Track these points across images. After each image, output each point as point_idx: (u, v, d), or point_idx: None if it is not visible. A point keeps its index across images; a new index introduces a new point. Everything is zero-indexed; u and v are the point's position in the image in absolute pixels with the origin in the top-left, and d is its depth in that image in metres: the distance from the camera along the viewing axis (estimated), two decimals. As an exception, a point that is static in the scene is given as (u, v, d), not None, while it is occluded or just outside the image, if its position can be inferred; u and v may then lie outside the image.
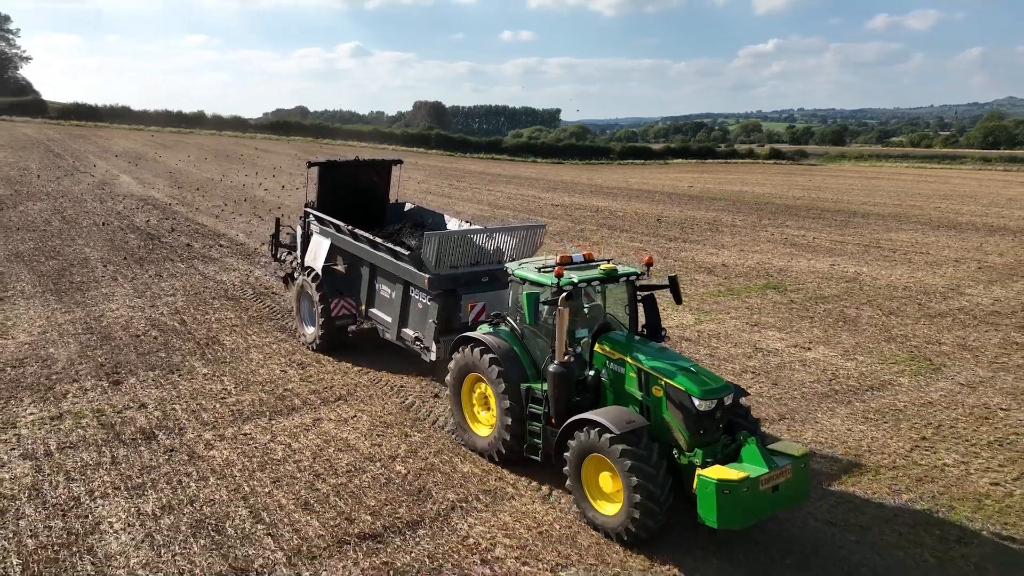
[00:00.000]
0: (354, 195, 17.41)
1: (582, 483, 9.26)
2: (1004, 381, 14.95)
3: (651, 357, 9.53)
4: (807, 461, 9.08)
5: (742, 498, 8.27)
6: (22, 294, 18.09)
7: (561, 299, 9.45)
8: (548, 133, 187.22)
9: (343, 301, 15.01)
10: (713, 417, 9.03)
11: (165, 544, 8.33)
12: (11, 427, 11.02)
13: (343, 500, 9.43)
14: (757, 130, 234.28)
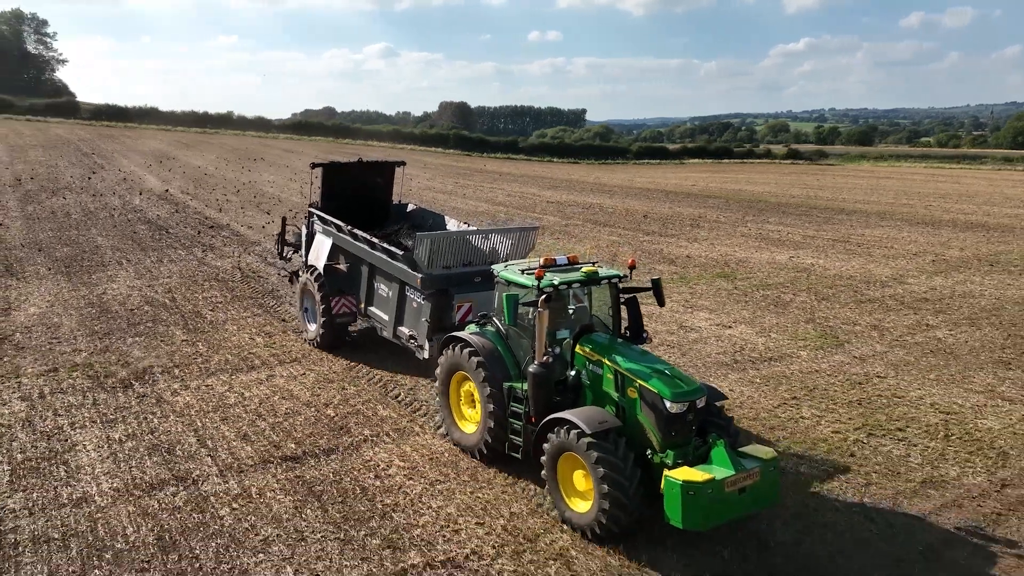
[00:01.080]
0: (357, 196, 17.65)
1: (558, 481, 9.49)
2: (895, 355, 16.66)
3: (627, 359, 9.70)
4: (776, 464, 9.15)
5: (707, 499, 8.43)
6: (37, 275, 20.47)
7: (541, 301, 9.66)
8: (571, 133, 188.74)
9: (343, 299, 15.31)
10: (684, 419, 9.18)
11: (125, 460, 10.47)
12: (14, 377, 13.28)
13: (276, 433, 11.52)
14: (785, 130, 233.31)
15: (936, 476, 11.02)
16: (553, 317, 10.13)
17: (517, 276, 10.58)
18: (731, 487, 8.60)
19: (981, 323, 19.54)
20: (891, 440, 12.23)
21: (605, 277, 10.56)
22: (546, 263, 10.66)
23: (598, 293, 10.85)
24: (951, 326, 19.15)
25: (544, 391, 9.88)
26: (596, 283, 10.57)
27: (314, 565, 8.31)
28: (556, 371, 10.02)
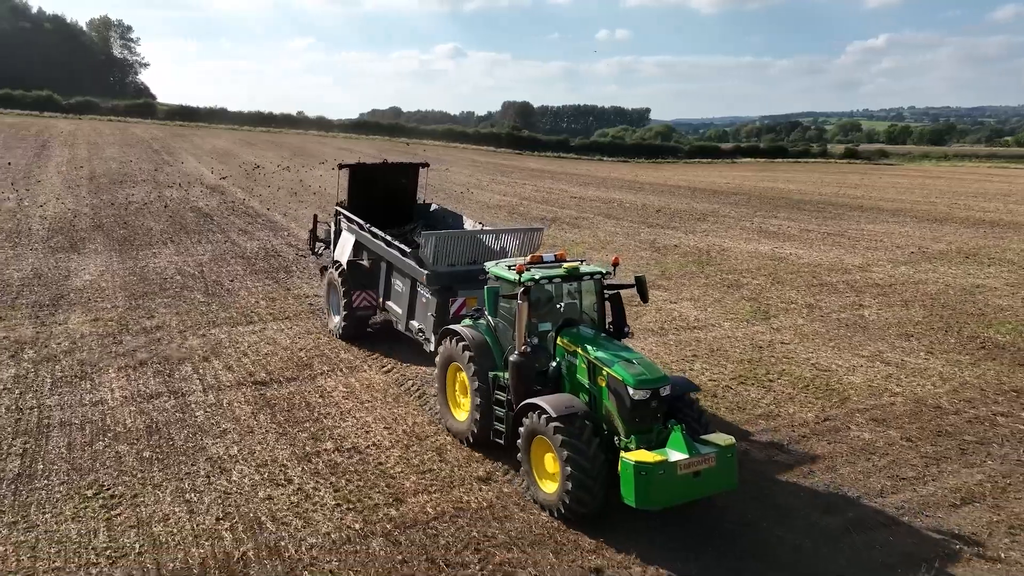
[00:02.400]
0: (383, 195, 18.27)
1: (531, 464, 10.00)
2: (810, 328, 18.92)
3: (599, 349, 10.11)
4: (733, 451, 9.47)
5: (659, 480, 8.83)
6: (95, 251, 24.26)
7: (520, 294, 10.21)
8: (632, 133, 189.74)
9: (364, 293, 16.03)
10: (648, 406, 9.52)
11: (134, 380, 13.76)
12: (64, 323, 16.81)
13: (253, 366, 14.69)
14: (856, 129, 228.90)
15: (774, 412, 13.48)
16: (537, 310, 10.80)
17: (503, 271, 11.13)
18: (685, 470, 8.98)
19: (914, 305, 21.52)
20: (755, 387, 14.68)
21: (587, 273, 11.02)
22: (533, 260, 11.21)
23: (587, 289, 11.29)
24: (882, 307, 21.21)
25: (523, 379, 10.37)
26: (578, 279, 11.02)
27: (254, 447, 11.38)
28: (536, 361, 10.51)
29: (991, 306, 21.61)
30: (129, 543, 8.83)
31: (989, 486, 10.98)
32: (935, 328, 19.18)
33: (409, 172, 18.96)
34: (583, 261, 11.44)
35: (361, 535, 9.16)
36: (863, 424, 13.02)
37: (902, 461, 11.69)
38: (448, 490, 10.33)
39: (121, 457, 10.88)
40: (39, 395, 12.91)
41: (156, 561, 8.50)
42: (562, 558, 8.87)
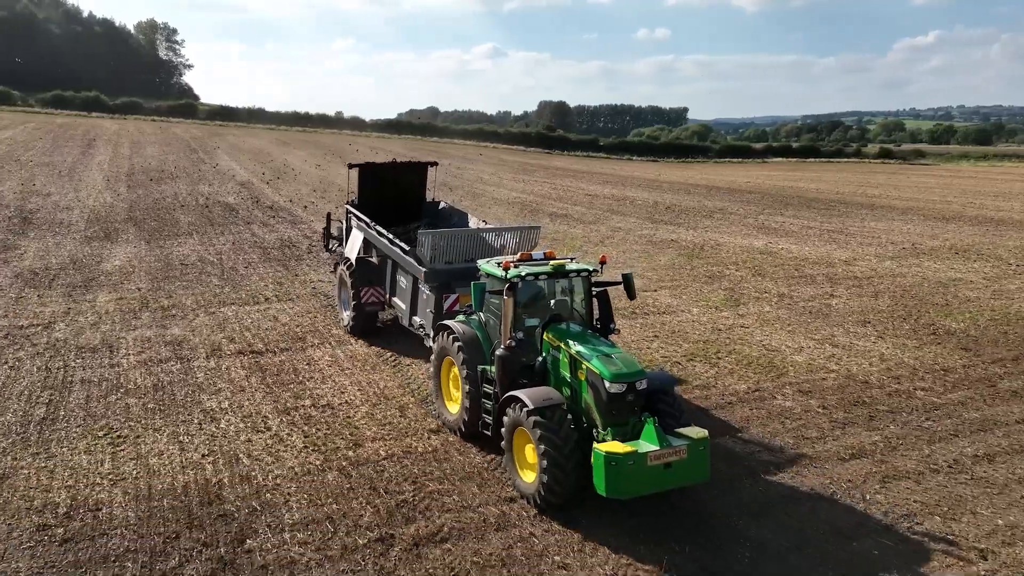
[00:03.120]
0: (392, 194, 18.71)
1: (513, 454, 10.36)
2: (775, 314, 20.25)
3: (580, 344, 10.36)
4: (706, 444, 9.66)
5: (628, 471, 9.09)
6: (127, 240, 26.47)
7: (506, 290, 10.61)
8: (669, 132, 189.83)
9: (372, 290, 16.43)
10: (624, 400, 9.78)
11: (147, 349, 15.69)
12: (93, 301, 18.89)
13: (253, 338, 16.56)
14: (900, 129, 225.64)
15: (711, 383, 14.95)
16: (527, 306, 11.21)
17: (492, 268, 11.48)
18: (655, 461, 9.21)
19: (883, 296, 22.68)
20: (702, 363, 16.13)
21: (573, 271, 11.33)
22: (522, 258, 11.53)
23: (574, 287, 11.63)
24: (851, 297, 22.42)
25: (508, 372, 10.71)
26: (564, 276, 11.34)
27: (243, 402, 13.20)
28: (523, 355, 10.86)
29: (960, 297, 22.68)
30: (128, 470, 10.68)
31: (881, 445, 12.36)
32: (895, 316, 20.37)
33: (418, 171, 19.35)
34: (573, 259, 11.78)
35: (320, 469, 10.91)
36: (788, 395, 14.44)
37: (811, 425, 13.11)
38: (401, 439, 12.04)
39: (129, 408, 12.79)
40: (65, 358, 14.92)
41: (148, 484, 10.33)
42: (484, 490, 10.51)
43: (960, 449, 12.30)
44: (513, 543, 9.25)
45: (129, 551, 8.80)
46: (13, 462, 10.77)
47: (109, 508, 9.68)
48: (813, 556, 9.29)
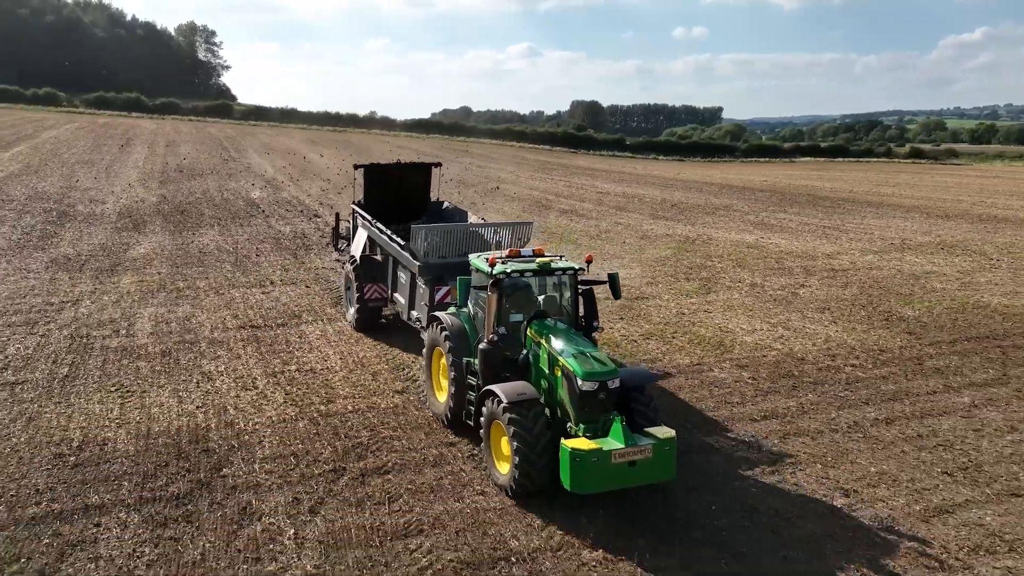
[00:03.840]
0: (397, 193, 19.30)
1: (490, 446, 10.66)
2: (740, 301, 21.70)
3: (559, 341, 10.59)
4: (672, 444, 9.88)
5: (592, 467, 9.38)
6: (153, 231, 28.73)
7: (491, 285, 10.89)
8: (701, 132, 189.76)
9: (375, 286, 16.93)
10: (596, 397, 9.99)
11: (160, 324, 17.70)
12: (117, 283, 21.03)
13: (254, 315, 18.50)
14: (941, 128, 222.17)
15: (659, 358, 16.53)
16: (514, 302, 11.52)
17: (480, 263, 11.78)
18: (619, 459, 9.48)
19: (852, 286, 23.99)
20: (657, 341, 17.72)
21: (558, 269, 11.58)
22: (511, 254, 11.75)
23: (560, 284, 11.88)
24: (821, 287, 23.77)
25: (490, 366, 10.98)
26: (549, 274, 11.63)
27: (238, 367, 15.10)
28: (508, 349, 11.13)
29: (926, 288, 23.89)
30: (132, 416, 12.63)
31: (794, 409, 13.89)
32: (855, 304, 21.71)
33: (423, 172, 19.93)
34: (562, 257, 12.04)
35: (293, 419, 12.76)
36: (725, 368, 15.98)
37: (737, 392, 14.65)
38: (369, 397, 13.85)
39: (139, 369, 14.78)
40: (88, 329, 16.99)
41: (148, 427, 12.26)
42: (430, 437, 12.27)
43: (864, 414, 13.77)
44: (444, 476, 10.99)
45: (126, 474, 10.71)
46: (39, 408, 12.78)
47: (113, 444, 11.62)
48: (703, 496, 10.87)
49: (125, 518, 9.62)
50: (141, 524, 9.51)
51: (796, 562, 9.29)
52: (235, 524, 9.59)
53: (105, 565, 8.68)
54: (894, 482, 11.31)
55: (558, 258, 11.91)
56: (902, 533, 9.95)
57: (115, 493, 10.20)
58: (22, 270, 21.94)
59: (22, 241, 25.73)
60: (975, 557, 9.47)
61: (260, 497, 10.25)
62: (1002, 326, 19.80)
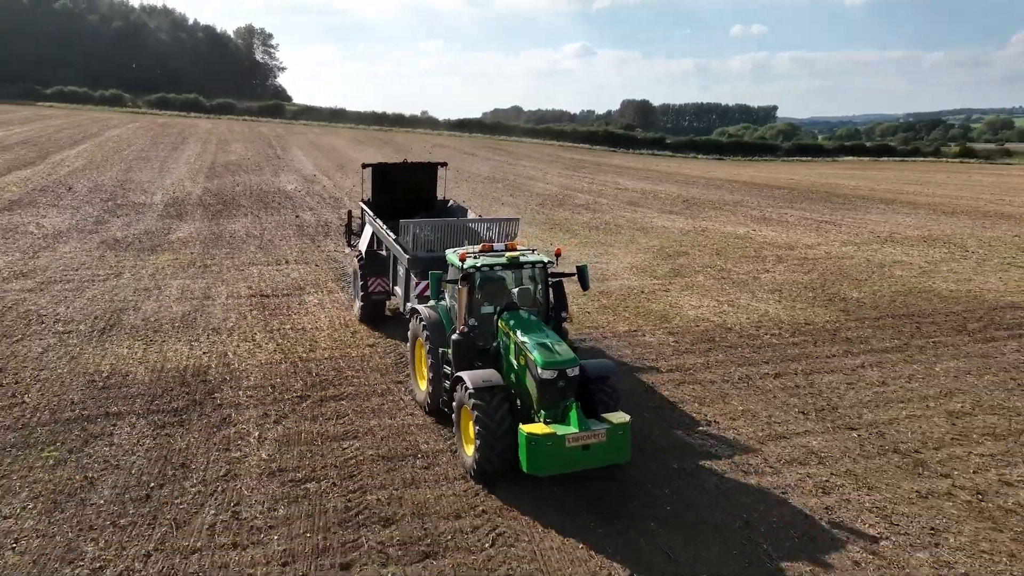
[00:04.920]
0: (404, 192, 20.00)
1: (460, 430, 11.17)
2: (702, 283, 24.02)
3: (525, 332, 11.04)
4: (626, 428, 10.36)
5: (547, 450, 9.89)
6: (193, 218, 32.25)
7: (460, 279, 11.42)
8: (753, 131, 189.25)
9: (379, 280, 17.66)
10: (555, 385, 10.42)
11: (184, 293, 20.93)
12: (155, 260, 24.42)
13: (265, 287, 21.60)
14: (1008, 127, 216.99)
15: (602, 325, 19.07)
16: (481, 294, 11.99)
17: (453, 258, 12.31)
18: (573, 443, 9.97)
19: (814, 271, 26.10)
20: (608, 314, 20.24)
21: (528, 262, 12.06)
22: (484, 249, 12.29)
23: (530, 277, 12.31)
24: (784, 272, 25.93)
25: (462, 355, 11.51)
26: (518, 267, 12.07)
27: (242, 325, 18.15)
28: (475, 339, 11.67)
29: (885, 275, 25.85)
30: (150, 358, 15.75)
31: (699, 365, 16.34)
32: (807, 287, 23.86)
33: (428, 171, 20.74)
34: (534, 251, 12.59)
35: (278, 362, 15.73)
36: (656, 333, 18.46)
37: (657, 351, 17.15)
38: (344, 348, 16.75)
39: (162, 326, 17.94)
40: (125, 296, 20.29)
41: (161, 365, 15.35)
42: (385, 377, 15.09)
43: (758, 370, 16.15)
44: (385, 403, 13.81)
45: (139, 395, 13.79)
46: (79, 350, 16.00)
47: (133, 375, 14.74)
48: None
49: (135, 422, 12.68)
50: (146, 426, 12.55)
51: (638, 462, 11.80)
52: (215, 428, 12.57)
53: (116, 449, 11.72)
54: (753, 417, 13.74)
55: (530, 252, 12.47)
56: (738, 449, 12.42)
57: (129, 406, 13.29)
58: (77, 249, 25.50)
59: (79, 225, 29.44)
60: (786, 466, 11.91)
61: (238, 412, 13.22)
62: (933, 306, 21.79)
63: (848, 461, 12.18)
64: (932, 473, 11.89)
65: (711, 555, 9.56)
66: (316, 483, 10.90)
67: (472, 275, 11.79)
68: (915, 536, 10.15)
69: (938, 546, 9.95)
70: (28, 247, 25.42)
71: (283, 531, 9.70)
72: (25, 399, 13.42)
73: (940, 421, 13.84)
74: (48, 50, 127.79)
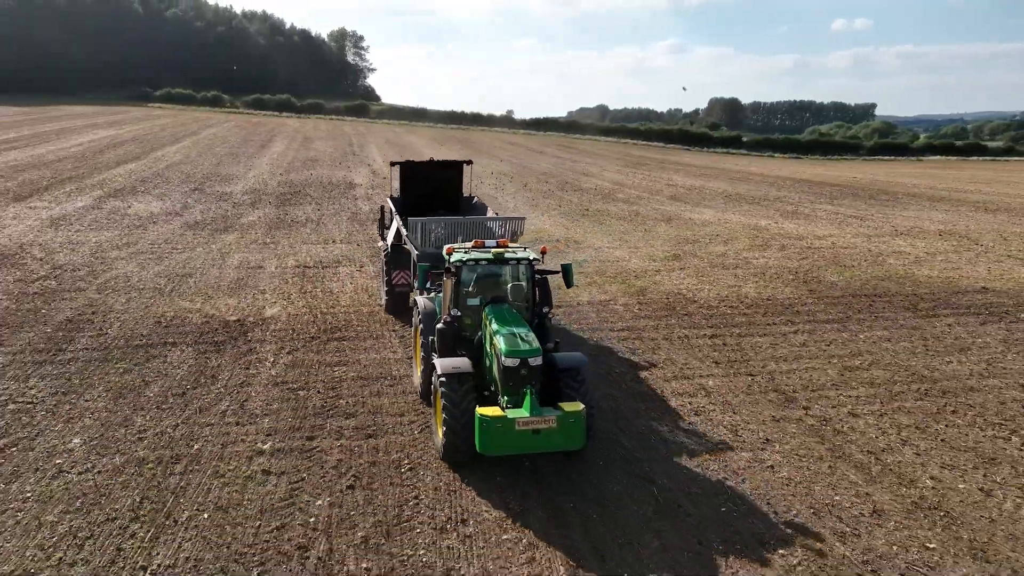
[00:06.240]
0: (430, 189, 20.85)
1: (435, 413, 11.63)
2: (695, 267, 26.72)
3: (498, 323, 11.56)
4: (578, 417, 10.81)
5: (497, 432, 10.42)
6: (263, 206, 36.79)
7: (445, 272, 12.05)
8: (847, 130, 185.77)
9: (402, 273, 18.49)
10: (518, 373, 10.96)
11: (244, 261, 25.15)
12: (223, 239, 28.84)
13: (309, 260, 25.59)
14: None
15: (581, 295, 22.16)
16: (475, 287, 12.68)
17: (443, 252, 12.99)
18: (523, 427, 10.48)
19: (806, 259, 28.36)
20: (592, 286, 23.30)
21: (512, 259, 12.63)
22: (475, 245, 12.93)
23: (517, 272, 12.97)
24: (776, 258, 28.34)
25: (445, 343, 12.17)
26: (503, 263, 12.66)
27: (283, 288, 22.08)
28: (459, 330, 12.34)
29: (873, 263, 27.91)
30: (205, 309, 19.81)
31: (650, 327, 19.29)
32: (792, 271, 26.25)
33: (454, 168, 21.56)
34: (525, 248, 13.23)
35: (303, 314, 19.55)
36: (625, 303, 21.45)
37: (616, 316, 20.18)
38: (358, 306, 20.45)
39: (218, 287, 22.07)
40: (194, 265, 24.57)
41: (212, 313, 19.38)
42: (384, 327, 18.68)
43: (699, 332, 19.00)
44: (378, 345, 17.39)
45: (190, 332, 17.82)
46: (152, 302, 20.21)
47: (188, 320, 18.80)
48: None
49: (184, 349, 16.70)
50: (191, 352, 16.54)
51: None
52: (242, 355, 16.45)
53: (167, 364, 15.73)
54: (671, 363, 16.72)
55: (521, 249, 13.08)
56: (643, 383, 15.43)
57: (182, 339, 17.34)
58: (163, 228, 30.24)
59: (168, 209, 34.37)
60: (675, 396, 14.90)
61: (262, 346, 17.09)
62: (900, 289, 23.94)
63: (730, 395, 15.06)
64: (795, 406, 14.65)
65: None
66: (305, 391, 14.60)
67: (459, 269, 12.52)
68: (749, 443, 13.05)
69: (763, 450, 12.83)
70: (126, 226, 30.29)
71: (273, 417, 13.42)
72: (108, 332, 17.65)
73: (832, 372, 16.47)
74: (159, 55, 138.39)
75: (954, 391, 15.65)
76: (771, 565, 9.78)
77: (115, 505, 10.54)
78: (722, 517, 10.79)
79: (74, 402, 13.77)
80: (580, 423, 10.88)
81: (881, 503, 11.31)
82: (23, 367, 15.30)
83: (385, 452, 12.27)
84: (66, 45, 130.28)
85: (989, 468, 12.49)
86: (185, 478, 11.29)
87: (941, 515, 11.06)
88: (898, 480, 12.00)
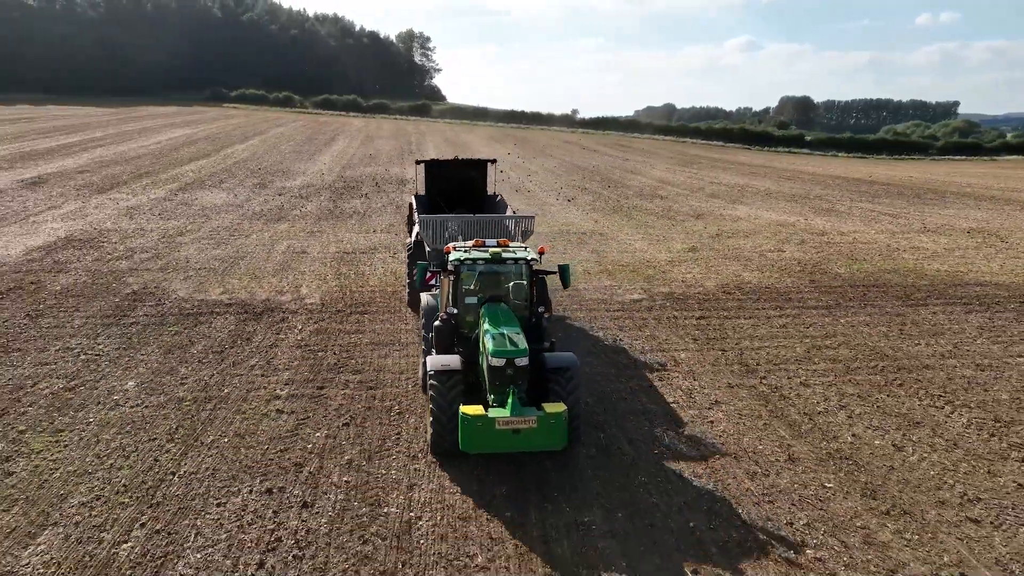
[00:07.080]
0: (455, 187, 21.22)
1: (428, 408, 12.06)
2: (706, 257, 28.29)
3: (490, 322, 11.68)
4: (559, 418, 10.92)
5: (477, 430, 10.68)
6: (318, 199, 39.69)
7: (443, 271, 12.46)
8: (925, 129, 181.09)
9: None
10: (504, 372, 11.13)
11: (289, 246, 27.86)
12: (277, 227, 31.70)
13: (349, 247, 28.17)
14: None
15: (585, 280, 24.05)
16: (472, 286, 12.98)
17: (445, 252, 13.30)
18: (503, 426, 10.61)
19: (822, 253, 29.58)
20: (604, 276, 25.16)
21: (510, 259, 12.79)
22: (476, 244, 13.17)
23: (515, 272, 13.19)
24: (791, 251, 29.66)
25: (441, 340, 12.38)
26: (501, 263, 12.79)
27: (318, 270, 24.66)
28: (456, 327, 12.51)
29: (886, 257, 28.97)
30: (251, 285, 22.45)
31: (643, 306, 21.10)
32: (802, 263, 27.58)
33: (478, 167, 22.07)
34: (526, 248, 13.44)
35: (334, 292, 22.00)
36: (629, 288, 23.26)
37: (618, 298, 22.01)
38: (385, 288, 22.80)
39: (264, 269, 24.71)
40: (247, 250, 27.31)
41: (256, 289, 22.02)
42: (401, 304, 20.98)
43: (687, 314, 20.73)
44: (393, 319, 19.69)
45: (234, 304, 20.45)
46: (206, 280, 22.99)
47: (236, 295, 21.46)
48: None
49: (228, 318, 19.31)
50: (233, 320, 19.15)
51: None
52: (276, 323, 18.98)
53: (210, 328, 18.34)
54: (652, 339, 18.54)
55: (521, 249, 13.28)
56: (621, 353, 17.31)
57: (227, 310, 19.99)
58: (224, 218, 33.28)
59: (230, 201, 37.55)
60: (644, 366, 16.74)
61: (294, 316, 19.60)
62: (900, 280, 25.08)
63: (696, 366, 16.84)
64: (753, 376, 16.34)
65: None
66: (324, 352, 17.01)
67: (457, 268, 12.78)
68: (699, 404, 14.85)
69: (710, 409, 14.62)
70: (192, 215, 33.48)
71: (292, 371, 15.86)
72: (165, 304, 20.44)
73: (800, 350, 18.04)
74: (236, 58, 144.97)
75: (908, 368, 17.07)
76: (683, 493, 11.64)
77: (156, 430, 13.08)
78: (653, 458, 12.68)
79: (132, 355, 16.48)
80: (561, 424, 11.02)
81: (799, 453, 13.01)
82: (93, 328, 18.14)
83: (381, 400, 14.54)
84: (151, 50, 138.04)
85: (910, 430, 14.01)
86: (214, 413, 13.78)
87: (849, 464, 12.71)
88: (822, 436, 13.66)
